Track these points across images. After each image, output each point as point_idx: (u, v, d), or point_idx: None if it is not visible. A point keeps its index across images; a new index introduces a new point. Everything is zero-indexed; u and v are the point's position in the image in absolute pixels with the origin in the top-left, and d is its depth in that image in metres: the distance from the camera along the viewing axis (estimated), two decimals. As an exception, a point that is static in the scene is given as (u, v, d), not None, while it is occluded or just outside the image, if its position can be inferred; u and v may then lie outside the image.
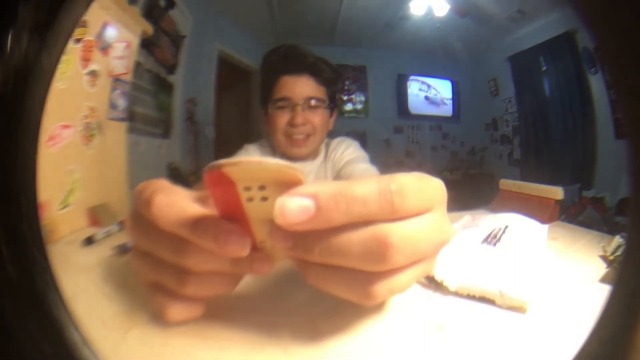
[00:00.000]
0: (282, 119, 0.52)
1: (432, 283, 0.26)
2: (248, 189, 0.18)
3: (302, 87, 0.52)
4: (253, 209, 0.19)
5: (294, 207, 0.17)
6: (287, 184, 0.18)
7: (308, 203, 0.17)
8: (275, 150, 0.55)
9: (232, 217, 0.19)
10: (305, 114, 0.52)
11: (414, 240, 0.19)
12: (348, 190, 0.18)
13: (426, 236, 0.20)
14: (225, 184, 0.18)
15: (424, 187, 0.20)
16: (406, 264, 0.19)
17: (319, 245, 0.19)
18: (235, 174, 0.18)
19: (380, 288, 0.19)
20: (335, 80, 0.55)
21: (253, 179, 0.18)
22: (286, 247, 0.19)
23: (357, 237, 0.18)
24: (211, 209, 0.20)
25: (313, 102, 0.52)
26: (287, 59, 0.53)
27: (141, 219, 0.21)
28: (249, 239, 0.19)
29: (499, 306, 0.24)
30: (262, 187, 0.18)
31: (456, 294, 0.25)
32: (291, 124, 0.51)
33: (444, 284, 0.26)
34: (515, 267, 0.28)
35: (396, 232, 0.18)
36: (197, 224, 0.19)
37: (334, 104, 0.55)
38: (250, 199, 0.19)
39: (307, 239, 0.19)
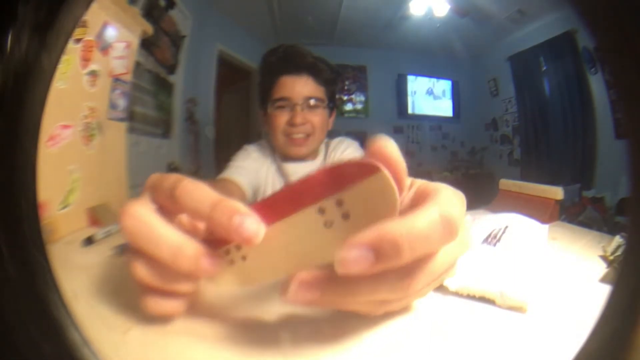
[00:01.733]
0: (282, 118, 0.52)
1: None
2: (322, 211, 0.18)
3: (301, 87, 0.52)
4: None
5: (356, 257, 0.16)
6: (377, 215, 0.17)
7: (369, 254, 0.16)
8: (275, 151, 0.56)
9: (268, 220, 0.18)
10: (305, 114, 0.52)
11: (441, 265, 0.19)
12: (411, 232, 0.16)
13: (452, 257, 0.20)
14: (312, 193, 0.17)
15: (463, 206, 0.20)
16: (428, 283, 0.19)
17: (352, 292, 0.18)
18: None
19: (397, 306, 0.21)
20: (335, 80, 0.55)
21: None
22: (312, 299, 0.18)
23: (390, 274, 0.18)
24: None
25: (312, 102, 0.52)
26: (285, 59, 0.52)
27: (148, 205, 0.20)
28: (264, 227, 0.18)
29: (499, 306, 0.24)
30: (345, 216, 0.17)
31: (456, 294, 0.25)
32: (291, 123, 0.51)
33: (444, 284, 0.26)
34: (515, 267, 0.28)
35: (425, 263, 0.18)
36: (219, 203, 0.18)
37: (333, 103, 0.55)
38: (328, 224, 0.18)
39: (339, 288, 0.18)
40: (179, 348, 0.21)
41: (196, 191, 0.19)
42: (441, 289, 0.26)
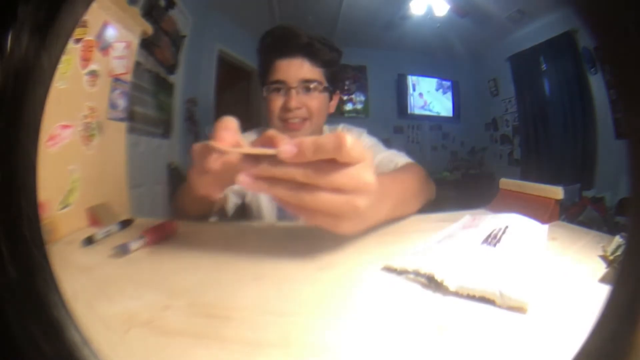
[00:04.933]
0: (277, 102, 0.50)
1: (432, 283, 0.26)
2: None
3: (295, 70, 0.50)
4: None
5: (286, 149, 0.26)
6: None
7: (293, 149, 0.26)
8: None
9: None
10: (300, 98, 0.50)
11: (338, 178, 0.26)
12: (316, 142, 0.26)
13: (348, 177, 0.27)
14: None
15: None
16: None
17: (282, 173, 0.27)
18: None
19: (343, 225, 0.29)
20: (335, 61, 0.52)
21: None
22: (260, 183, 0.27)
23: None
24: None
25: (308, 85, 0.50)
26: (279, 41, 0.50)
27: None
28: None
29: (499, 306, 0.24)
30: None
31: (456, 294, 0.25)
32: (285, 108, 0.49)
33: (444, 284, 0.26)
34: (515, 267, 0.28)
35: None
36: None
37: (334, 85, 0.53)
38: None
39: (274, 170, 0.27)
40: (179, 348, 0.21)
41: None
42: (441, 289, 0.26)
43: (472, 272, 0.26)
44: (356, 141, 0.26)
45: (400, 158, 0.51)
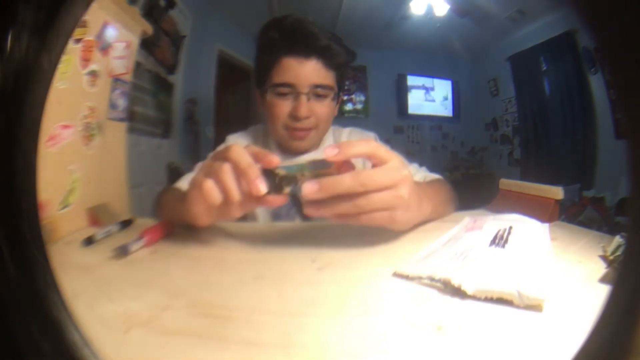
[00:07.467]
0: (283, 108, 0.44)
1: (449, 287, 0.26)
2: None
3: (309, 73, 0.44)
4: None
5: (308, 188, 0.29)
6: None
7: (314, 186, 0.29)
8: (271, 140, 0.49)
9: None
10: (311, 105, 0.44)
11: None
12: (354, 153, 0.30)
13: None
14: None
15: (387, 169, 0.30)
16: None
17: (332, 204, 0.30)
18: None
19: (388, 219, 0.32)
20: (348, 63, 0.48)
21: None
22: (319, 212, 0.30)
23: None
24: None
25: (320, 91, 0.44)
26: (293, 38, 0.44)
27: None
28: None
29: (517, 306, 0.24)
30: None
31: (474, 297, 0.25)
32: (294, 116, 0.44)
33: (462, 288, 0.25)
34: (527, 266, 0.28)
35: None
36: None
37: (342, 89, 0.48)
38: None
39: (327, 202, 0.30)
40: (179, 348, 0.21)
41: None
42: (459, 293, 0.26)
43: (487, 275, 0.26)
44: (376, 144, 0.31)
45: (422, 172, 0.49)
